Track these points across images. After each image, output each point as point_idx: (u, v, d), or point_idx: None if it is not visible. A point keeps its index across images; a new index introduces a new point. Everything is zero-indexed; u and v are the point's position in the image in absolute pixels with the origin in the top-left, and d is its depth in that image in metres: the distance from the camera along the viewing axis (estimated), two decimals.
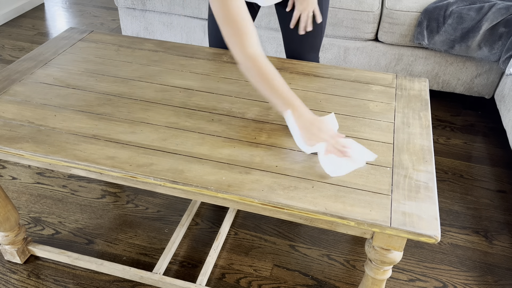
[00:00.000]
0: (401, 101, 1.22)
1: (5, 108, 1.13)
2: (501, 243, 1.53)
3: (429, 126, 1.12)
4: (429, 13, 1.95)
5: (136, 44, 1.46)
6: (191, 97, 1.20)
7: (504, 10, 1.87)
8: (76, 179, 1.74)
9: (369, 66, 2.21)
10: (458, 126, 2.12)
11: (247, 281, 1.38)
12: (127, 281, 1.37)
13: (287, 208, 0.88)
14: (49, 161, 0.99)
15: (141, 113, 1.13)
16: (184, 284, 1.29)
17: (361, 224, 0.86)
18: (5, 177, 1.75)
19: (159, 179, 0.93)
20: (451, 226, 1.59)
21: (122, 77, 1.28)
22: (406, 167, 0.99)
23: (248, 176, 0.94)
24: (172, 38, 2.45)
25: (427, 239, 0.83)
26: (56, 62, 1.34)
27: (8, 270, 1.39)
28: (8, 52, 2.68)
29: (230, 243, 1.50)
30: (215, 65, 1.35)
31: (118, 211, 1.60)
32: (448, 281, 1.40)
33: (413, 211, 0.88)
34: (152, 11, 2.39)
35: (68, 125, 1.08)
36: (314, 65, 1.36)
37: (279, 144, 1.04)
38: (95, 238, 1.50)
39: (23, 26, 3.00)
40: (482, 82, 2.11)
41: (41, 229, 1.53)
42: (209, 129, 1.08)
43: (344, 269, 1.42)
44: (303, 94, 1.23)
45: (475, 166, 1.87)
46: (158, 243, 1.49)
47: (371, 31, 2.09)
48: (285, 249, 1.48)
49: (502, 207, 1.67)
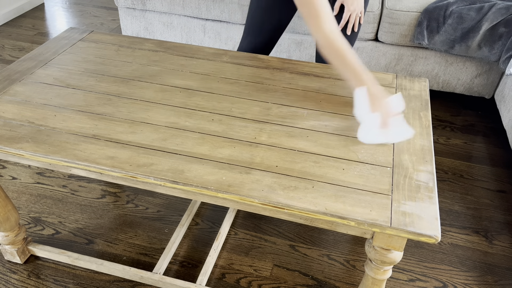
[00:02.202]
0: None
1: (5, 108, 1.13)
2: (501, 243, 1.53)
3: (429, 126, 1.12)
4: (429, 13, 1.95)
5: (136, 44, 1.46)
6: (191, 97, 1.20)
7: (504, 10, 1.87)
8: (76, 179, 1.74)
9: (369, 66, 2.21)
10: (458, 126, 2.12)
11: (247, 281, 1.38)
12: (127, 281, 1.37)
13: (287, 208, 0.88)
14: (49, 161, 0.99)
15: (141, 113, 1.13)
16: (184, 284, 1.29)
17: (361, 224, 0.86)
18: (5, 177, 1.75)
19: (159, 179, 0.93)
20: (451, 226, 1.59)
21: (122, 77, 1.28)
22: (406, 167, 0.99)
23: (248, 176, 0.94)
24: (172, 38, 2.45)
25: (427, 239, 0.83)
26: (56, 62, 1.34)
27: (8, 270, 1.39)
28: (8, 52, 2.68)
29: (230, 243, 1.50)
30: (215, 65, 1.35)
31: (118, 211, 1.60)
32: (448, 281, 1.40)
33: (413, 211, 0.88)
34: (152, 11, 2.39)
35: (68, 125, 1.08)
36: (314, 65, 1.36)
37: (279, 144, 1.04)
38: (95, 238, 1.50)
39: (23, 26, 3.00)
40: (482, 82, 2.11)
41: (41, 229, 1.53)
42: (209, 129, 1.08)
43: (344, 269, 1.42)
44: (303, 94, 1.23)
45: (475, 166, 1.87)
46: (158, 243, 1.49)
47: (371, 31, 2.09)
48: (285, 249, 1.48)
49: (502, 207, 1.67)
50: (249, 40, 1.56)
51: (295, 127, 1.10)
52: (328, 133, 1.08)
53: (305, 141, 1.05)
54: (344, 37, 1.12)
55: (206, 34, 2.37)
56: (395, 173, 0.97)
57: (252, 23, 1.52)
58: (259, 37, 1.54)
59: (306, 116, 1.14)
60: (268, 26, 1.51)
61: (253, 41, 1.56)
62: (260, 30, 1.52)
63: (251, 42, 1.56)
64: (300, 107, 1.17)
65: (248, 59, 1.39)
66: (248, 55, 1.41)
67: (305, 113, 1.15)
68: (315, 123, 1.11)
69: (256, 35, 1.54)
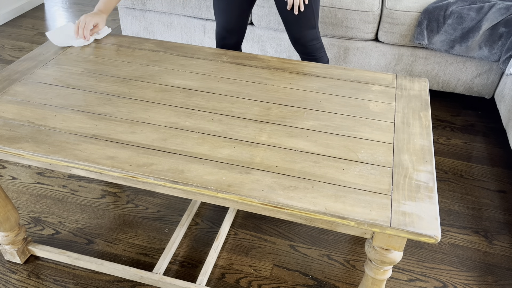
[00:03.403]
0: (401, 101, 1.22)
1: (5, 108, 1.13)
2: (501, 243, 1.53)
3: (429, 126, 1.12)
4: (429, 13, 1.95)
5: (136, 44, 1.46)
6: (191, 97, 1.20)
7: (504, 10, 1.87)
8: (76, 179, 1.74)
9: (369, 66, 2.21)
10: (458, 126, 2.12)
11: (247, 281, 1.38)
12: (127, 281, 1.37)
13: (287, 208, 0.88)
14: (49, 161, 0.99)
15: (141, 113, 1.13)
16: (184, 284, 1.29)
17: (361, 224, 0.86)
18: (5, 177, 1.75)
19: (159, 179, 0.93)
20: (451, 226, 1.59)
21: (122, 77, 1.28)
22: (406, 167, 0.99)
23: (248, 176, 0.94)
24: (172, 38, 2.45)
25: (427, 239, 0.83)
26: (56, 62, 1.34)
27: (8, 270, 1.39)
28: (8, 52, 2.68)
29: (230, 243, 1.50)
30: (215, 65, 1.35)
31: (118, 211, 1.60)
32: (448, 281, 1.40)
33: (413, 211, 0.88)
34: (152, 11, 2.39)
35: (68, 125, 1.08)
36: (314, 65, 1.36)
37: (279, 144, 1.04)
38: (95, 238, 1.50)
39: (23, 26, 3.00)
40: (482, 82, 2.11)
41: (41, 229, 1.53)
42: (209, 129, 1.08)
43: (344, 269, 1.42)
44: (303, 94, 1.23)
45: (475, 166, 1.87)
46: (158, 243, 1.49)
47: (371, 31, 2.09)
48: (285, 249, 1.48)
49: (502, 207, 1.67)
50: (223, 43, 1.80)
51: (295, 127, 1.10)
52: (328, 133, 1.08)
53: (305, 141, 1.05)
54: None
55: (206, 34, 2.37)
56: (395, 173, 0.97)
57: (219, 30, 1.77)
58: (229, 39, 1.78)
59: (306, 116, 1.14)
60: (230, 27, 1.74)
61: (227, 42, 1.79)
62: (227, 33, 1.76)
63: (225, 44, 1.80)
64: (300, 107, 1.17)
65: (248, 59, 1.39)
66: (248, 55, 1.41)
67: (305, 113, 1.15)
68: (315, 123, 1.12)
69: (226, 38, 1.78)
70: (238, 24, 1.74)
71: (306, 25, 1.66)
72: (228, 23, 1.73)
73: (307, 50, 1.73)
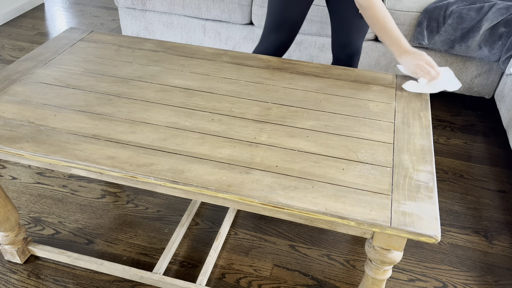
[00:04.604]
0: (401, 101, 1.22)
1: (5, 108, 1.13)
2: (501, 243, 1.53)
3: (429, 126, 1.12)
4: (429, 13, 1.95)
5: (136, 44, 1.46)
6: (191, 97, 1.20)
7: (504, 10, 1.87)
8: (76, 179, 1.74)
9: (369, 66, 2.21)
10: (458, 126, 2.12)
11: (247, 281, 1.38)
12: (127, 281, 1.37)
13: (287, 208, 0.88)
14: (49, 161, 0.99)
15: (141, 113, 1.13)
16: (184, 284, 1.29)
17: (361, 224, 0.86)
18: (5, 177, 1.75)
19: (159, 179, 0.93)
20: (451, 226, 1.59)
21: (122, 77, 1.28)
22: (406, 167, 0.99)
23: (248, 176, 0.94)
24: (172, 38, 2.45)
25: (427, 239, 0.83)
26: (56, 62, 1.34)
27: (8, 270, 1.39)
28: (8, 52, 2.68)
29: (230, 243, 1.50)
30: (215, 65, 1.35)
31: (118, 211, 1.60)
32: (448, 281, 1.40)
33: (413, 211, 0.88)
34: (152, 11, 2.39)
35: (68, 125, 1.08)
36: (314, 65, 1.36)
37: (279, 144, 1.04)
38: (95, 238, 1.50)
39: (23, 26, 3.00)
40: (482, 82, 2.11)
41: (41, 229, 1.53)
42: (209, 129, 1.08)
43: (344, 269, 1.42)
44: (303, 94, 1.23)
45: (475, 166, 1.87)
46: (158, 243, 1.49)
47: (371, 31, 2.09)
48: (285, 249, 1.48)
49: (502, 207, 1.67)
50: (274, 38, 1.60)
51: (295, 127, 1.10)
52: (328, 133, 1.08)
53: (305, 141, 1.05)
54: (385, 8, 1.29)
55: (206, 34, 2.37)
56: (395, 173, 0.97)
57: (275, 20, 1.57)
58: (283, 33, 1.59)
59: (306, 116, 1.14)
60: (290, 19, 1.55)
61: (278, 38, 1.60)
62: (284, 24, 1.57)
63: (276, 39, 1.60)
64: (300, 107, 1.17)
65: (248, 59, 1.39)
66: (248, 55, 1.41)
67: (305, 113, 1.15)
68: (315, 123, 1.12)
69: (281, 30, 1.58)
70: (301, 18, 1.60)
71: (360, 33, 1.60)
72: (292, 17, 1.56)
73: (348, 56, 1.66)
